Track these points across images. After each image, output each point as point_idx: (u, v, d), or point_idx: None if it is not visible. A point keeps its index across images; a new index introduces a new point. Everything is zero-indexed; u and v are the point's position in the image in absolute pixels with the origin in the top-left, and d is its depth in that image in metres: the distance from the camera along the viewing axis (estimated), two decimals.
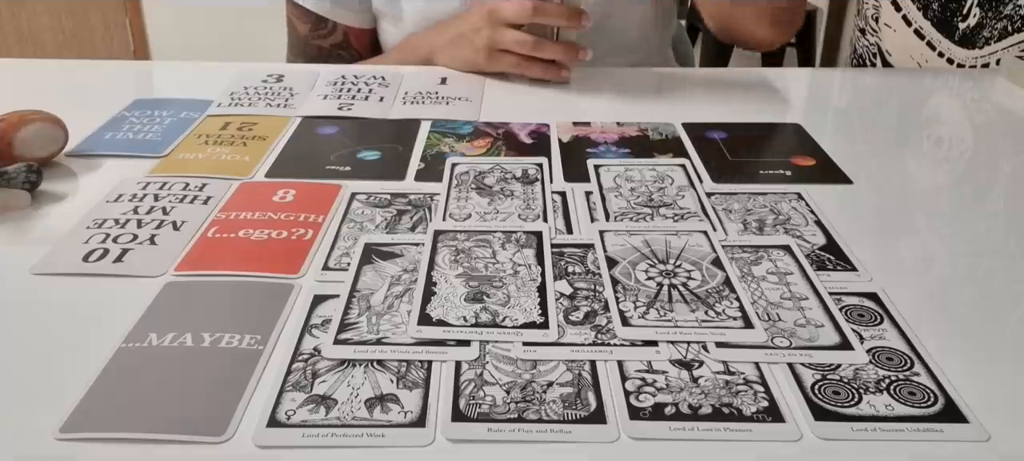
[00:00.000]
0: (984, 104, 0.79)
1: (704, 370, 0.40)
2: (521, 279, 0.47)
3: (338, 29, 0.93)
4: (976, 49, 0.91)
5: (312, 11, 0.92)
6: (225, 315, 0.44)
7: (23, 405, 0.38)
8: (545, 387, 0.39)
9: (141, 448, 0.35)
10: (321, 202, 0.57)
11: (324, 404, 0.38)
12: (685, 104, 0.77)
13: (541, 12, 0.75)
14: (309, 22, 0.93)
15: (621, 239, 0.52)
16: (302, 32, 0.94)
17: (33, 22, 2.78)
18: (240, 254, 0.50)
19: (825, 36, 2.68)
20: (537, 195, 0.58)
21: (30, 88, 0.79)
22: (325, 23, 0.93)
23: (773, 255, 0.50)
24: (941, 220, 0.56)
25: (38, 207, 0.56)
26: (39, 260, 0.49)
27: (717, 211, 0.56)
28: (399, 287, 0.47)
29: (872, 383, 0.39)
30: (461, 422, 0.37)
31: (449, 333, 0.43)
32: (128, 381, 0.39)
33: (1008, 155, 0.67)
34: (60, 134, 0.62)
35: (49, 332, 0.43)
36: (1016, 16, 0.87)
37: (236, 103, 0.75)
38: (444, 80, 0.82)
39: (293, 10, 0.94)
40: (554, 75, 0.80)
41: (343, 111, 0.74)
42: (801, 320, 0.44)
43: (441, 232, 0.53)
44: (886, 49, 1.02)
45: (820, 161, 0.64)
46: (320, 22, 0.93)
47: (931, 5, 0.95)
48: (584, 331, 0.43)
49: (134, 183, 0.59)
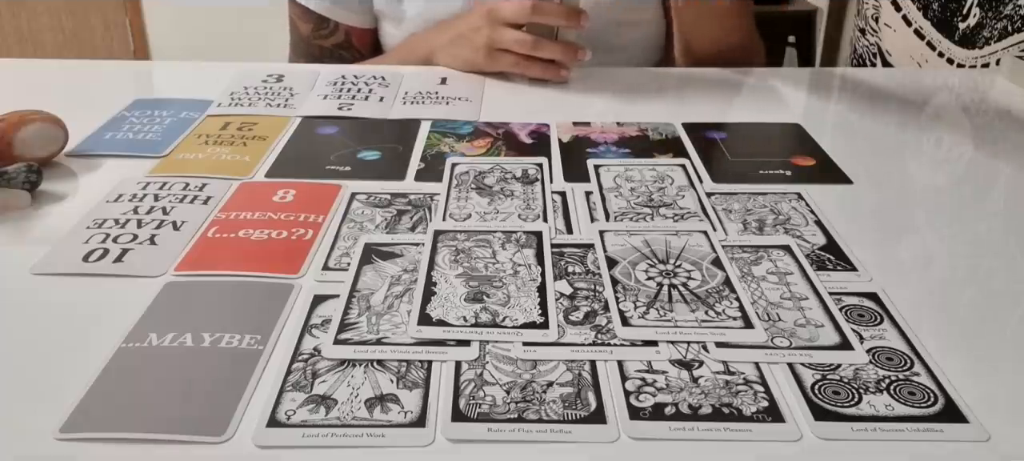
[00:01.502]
0: (984, 104, 0.79)
1: (704, 370, 0.40)
2: (521, 279, 0.47)
3: (340, 29, 0.93)
4: (976, 49, 0.91)
5: (314, 11, 0.92)
6: (225, 315, 0.44)
7: (23, 405, 0.38)
8: (545, 387, 0.39)
9: (141, 448, 0.35)
10: (321, 202, 0.57)
11: (324, 404, 0.38)
12: (685, 104, 0.77)
13: (540, 12, 0.75)
14: (311, 22, 0.93)
15: (621, 239, 0.52)
16: (304, 32, 0.94)
17: (33, 22, 2.78)
18: (240, 254, 0.50)
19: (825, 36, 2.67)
20: (537, 195, 0.58)
21: (30, 88, 0.79)
22: (327, 23, 0.93)
23: (773, 255, 0.50)
24: (941, 220, 0.56)
25: (38, 207, 0.56)
26: (39, 260, 0.49)
27: (717, 211, 0.56)
28: (399, 287, 0.47)
29: (872, 383, 0.39)
30: (461, 422, 0.37)
31: (449, 333, 0.42)
32: (128, 381, 0.39)
33: (1008, 155, 0.67)
34: (60, 134, 0.62)
35: (49, 332, 0.43)
36: (1016, 16, 0.87)
37: (236, 103, 0.75)
38: (444, 80, 0.82)
39: (295, 10, 0.94)
40: (553, 75, 0.80)
41: (343, 111, 0.74)
42: (801, 320, 0.44)
43: (441, 232, 0.53)
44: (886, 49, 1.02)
45: (820, 161, 0.64)
46: (322, 22, 0.93)
47: (931, 5, 0.95)
48: (584, 331, 0.43)
49: (134, 183, 0.59)
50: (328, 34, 0.93)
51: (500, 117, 0.72)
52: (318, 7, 0.92)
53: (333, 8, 0.92)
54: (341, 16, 0.92)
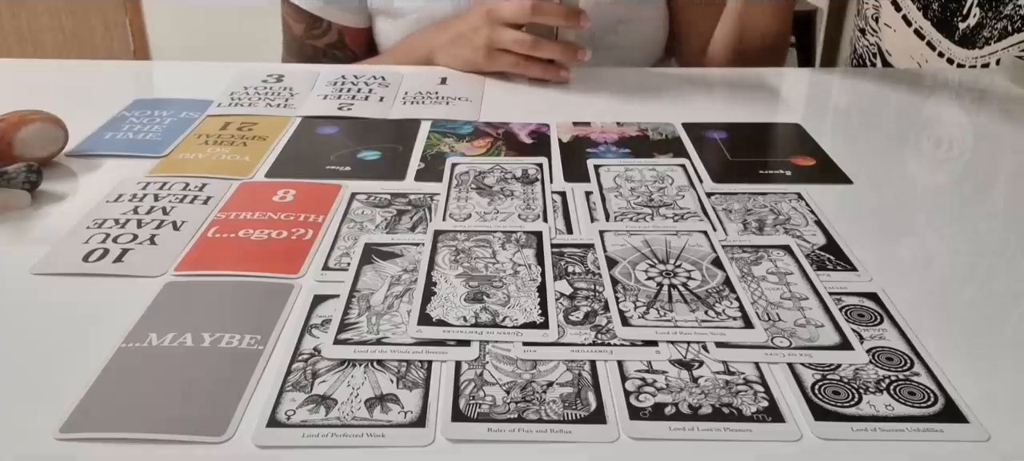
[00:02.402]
0: (984, 104, 0.79)
1: (704, 370, 0.40)
2: (521, 279, 0.47)
3: (333, 28, 0.93)
4: (976, 49, 0.91)
5: (306, 10, 0.92)
6: (225, 315, 0.44)
7: (23, 405, 0.38)
8: (545, 387, 0.39)
9: (141, 448, 0.36)
10: (321, 202, 0.57)
11: (324, 404, 0.38)
12: (685, 104, 0.77)
13: (540, 12, 0.75)
14: (303, 22, 0.93)
15: (621, 239, 0.52)
16: (297, 32, 0.94)
17: (33, 22, 2.78)
18: (240, 254, 0.50)
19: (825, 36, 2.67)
20: (537, 195, 0.58)
21: (30, 88, 0.79)
22: (319, 23, 0.92)
23: (773, 255, 0.50)
24: (941, 220, 0.56)
25: (38, 207, 0.56)
26: (39, 260, 0.49)
27: (717, 211, 0.56)
28: (399, 287, 0.47)
29: (872, 383, 0.39)
30: (461, 422, 0.37)
31: (449, 333, 0.42)
32: (128, 381, 0.39)
33: (1008, 155, 0.67)
34: (60, 134, 0.62)
35: (49, 332, 0.43)
36: (1016, 16, 0.87)
37: (236, 103, 0.75)
38: (444, 80, 0.82)
39: (288, 10, 0.93)
40: (553, 75, 0.80)
41: (343, 111, 0.74)
42: (801, 320, 0.44)
43: (441, 232, 0.53)
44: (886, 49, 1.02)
45: (820, 161, 0.64)
46: (314, 22, 0.92)
47: (931, 5, 0.95)
48: (584, 331, 0.43)
49: (134, 183, 0.59)
50: (321, 34, 0.93)
51: (500, 117, 0.72)
52: (310, 7, 0.91)
53: (325, 8, 0.91)
54: (334, 16, 0.92)
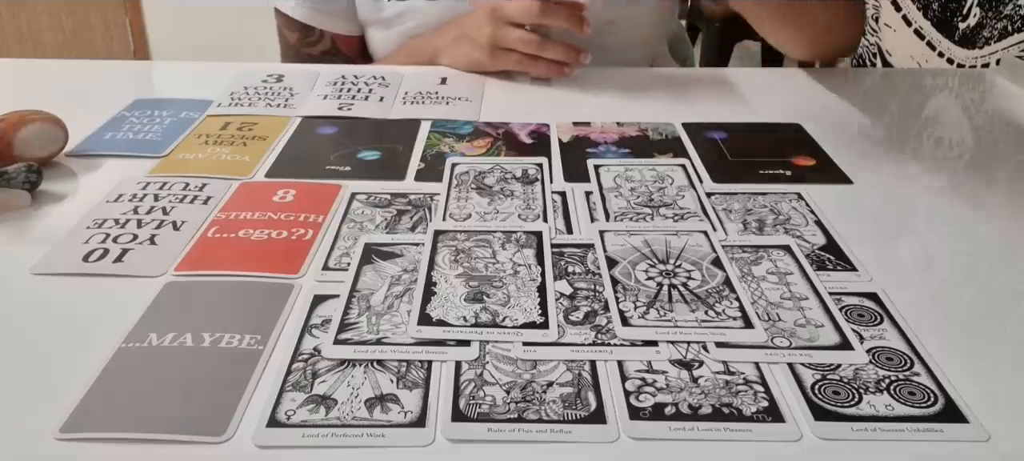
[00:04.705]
0: (984, 104, 0.79)
1: (704, 370, 0.40)
2: (521, 279, 0.47)
3: (326, 36, 0.92)
4: (976, 49, 0.91)
5: (299, 20, 0.92)
6: (225, 315, 0.44)
7: (23, 405, 0.38)
8: (545, 387, 0.39)
9: (141, 448, 0.36)
10: (321, 202, 0.57)
11: (324, 404, 0.38)
12: (685, 104, 0.77)
13: (548, 13, 0.75)
14: (297, 31, 0.92)
15: (621, 239, 0.52)
16: (291, 41, 0.94)
17: (33, 22, 2.78)
18: (240, 254, 0.50)
19: None
20: (537, 195, 0.58)
21: (30, 88, 0.79)
22: (312, 31, 0.92)
23: (773, 255, 0.50)
24: (941, 220, 0.56)
25: (38, 207, 0.56)
26: (39, 260, 0.49)
27: (717, 211, 0.56)
28: (399, 287, 0.47)
29: (872, 383, 0.39)
30: (461, 422, 0.37)
31: (449, 333, 0.43)
32: (128, 381, 0.39)
33: (1008, 155, 0.67)
34: (60, 134, 0.62)
35: (49, 332, 0.43)
36: (1016, 16, 0.87)
37: (236, 103, 0.75)
38: (444, 80, 0.82)
39: (281, 20, 0.93)
40: (557, 73, 0.80)
41: (343, 111, 0.74)
42: (801, 320, 0.44)
43: (441, 232, 0.53)
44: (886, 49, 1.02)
45: (820, 161, 0.64)
46: (307, 30, 0.92)
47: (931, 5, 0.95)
48: (584, 331, 0.43)
49: (134, 183, 0.59)
50: (314, 42, 0.93)
51: (500, 117, 0.72)
52: (301, 16, 0.91)
53: (316, 16, 0.91)
54: (325, 24, 0.92)
